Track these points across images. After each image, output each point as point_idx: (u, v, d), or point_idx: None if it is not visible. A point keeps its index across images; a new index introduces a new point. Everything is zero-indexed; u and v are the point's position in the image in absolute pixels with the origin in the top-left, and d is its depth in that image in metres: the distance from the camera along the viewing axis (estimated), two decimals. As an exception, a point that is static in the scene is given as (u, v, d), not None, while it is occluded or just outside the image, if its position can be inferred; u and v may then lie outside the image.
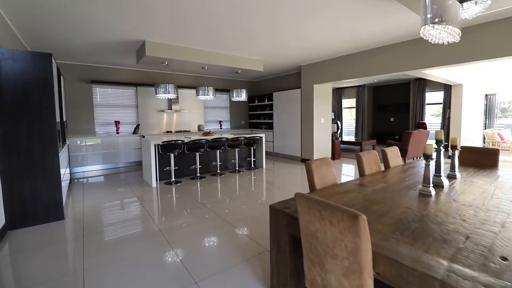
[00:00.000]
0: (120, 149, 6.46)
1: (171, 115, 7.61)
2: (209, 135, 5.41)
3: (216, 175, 5.40)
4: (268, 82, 8.80)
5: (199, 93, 5.61)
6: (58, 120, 3.45)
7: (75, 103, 6.29)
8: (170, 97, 5.14)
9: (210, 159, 5.62)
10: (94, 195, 4.21)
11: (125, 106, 6.97)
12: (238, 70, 6.00)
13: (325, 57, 5.87)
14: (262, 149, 6.09)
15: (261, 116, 8.95)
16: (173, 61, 4.93)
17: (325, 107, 6.68)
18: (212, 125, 8.48)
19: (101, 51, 5.11)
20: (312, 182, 2.06)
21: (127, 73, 6.89)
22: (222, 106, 8.71)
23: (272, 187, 4.55)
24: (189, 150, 4.99)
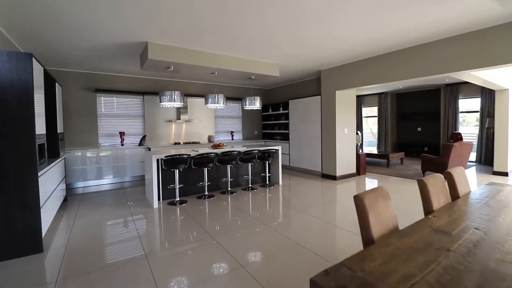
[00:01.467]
0: (125, 162, 5.97)
1: (180, 125, 7.11)
2: (219, 148, 4.82)
3: (226, 193, 4.76)
4: (283, 90, 8.20)
5: (208, 101, 5.06)
6: (42, 132, 2.95)
7: (78, 113, 5.90)
8: (176, 106, 4.61)
9: (219, 175, 5.00)
10: (87, 217, 3.66)
11: (131, 116, 6.53)
12: (252, 76, 5.44)
13: (349, 59, 5.21)
14: (278, 164, 5.42)
15: (276, 126, 8.32)
16: (180, 65, 4.42)
17: (348, 116, 5.97)
18: (223, 136, 7.91)
19: (103, 56, 4.68)
20: (366, 228, 1.38)
21: (134, 81, 6.48)
22: (234, 116, 8.16)
23: (292, 211, 3.85)
24: (196, 165, 4.40)
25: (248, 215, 3.64)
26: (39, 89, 2.91)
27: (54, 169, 3.56)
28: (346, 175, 5.95)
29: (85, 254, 2.62)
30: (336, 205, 4.04)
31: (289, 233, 3.01)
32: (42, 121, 3.00)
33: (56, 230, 3.21)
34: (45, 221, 2.87)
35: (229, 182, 4.84)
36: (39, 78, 2.90)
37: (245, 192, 4.86)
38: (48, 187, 3.13)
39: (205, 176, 4.54)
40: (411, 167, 7.38)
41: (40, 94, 2.96)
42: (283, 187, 5.26)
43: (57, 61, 5.07)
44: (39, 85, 2.90)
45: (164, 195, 4.41)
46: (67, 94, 5.76)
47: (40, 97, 2.95)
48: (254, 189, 5.04)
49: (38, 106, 2.82)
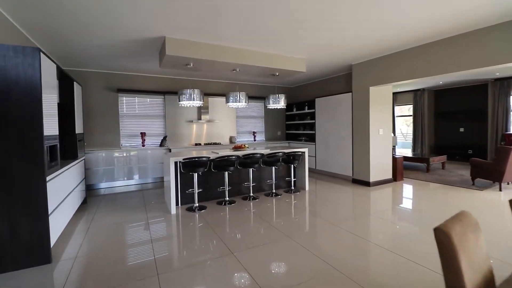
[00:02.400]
0: (146, 164, 5.85)
1: (201, 126, 6.88)
2: (241, 150, 4.47)
3: (248, 199, 4.40)
4: (308, 87, 7.70)
5: (229, 100, 4.73)
6: (54, 133, 2.77)
7: (100, 113, 5.86)
8: (195, 105, 4.34)
9: (241, 179, 4.65)
10: (103, 221, 3.47)
11: (152, 116, 6.40)
12: (276, 72, 5.03)
13: (388, 50, 4.63)
14: (305, 167, 4.97)
15: (300, 127, 7.84)
16: (199, 62, 4.13)
17: (384, 115, 5.36)
18: (245, 137, 7.58)
19: (122, 54, 4.53)
20: (457, 275, 0.93)
21: (155, 81, 6.35)
22: (256, 116, 7.79)
23: (321, 222, 3.39)
24: (216, 168, 4.09)
25: (272, 226, 3.24)
26: (51, 88, 2.74)
27: (70, 171, 3.41)
28: (381, 181, 5.34)
29: (93, 267, 2.38)
30: (373, 218, 3.52)
31: (320, 251, 2.57)
32: (55, 122, 2.82)
33: (70, 235, 3.03)
34: (56, 228, 2.68)
35: (251, 187, 4.47)
36: (50, 75, 2.72)
37: (268, 198, 4.47)
38: (62, 191, 2.96)
39: (226, 180, 4.21)
40: (455, 172, 6.55)
41: (52, 93, 2.78)
42: (310, 193, 4.79)
43: (78, 62, 5.02)
44: (50, 83, 2.72)
45: (182, 200, 4.14)
46: (89, 95, 5.74)
47: (52, 96, 2.77)
48: (278, 195, 4.63)
49: (49, 106, 2.64)
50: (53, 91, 2.81)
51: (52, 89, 2.79)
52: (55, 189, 2.70)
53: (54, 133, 2.78)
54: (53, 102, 2.80)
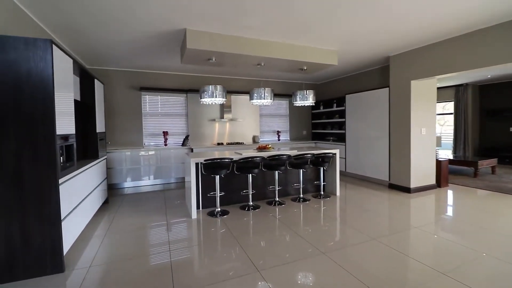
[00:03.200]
0: (168, 163, 5.71)
1: (223, 124, 6.64)
2: (265, 151, 4.13)
3: (273, 204, 4.05)
4: (337, 83, 7.17)
5: (253, 97, 4.40)
6: (69, 132, 2.61)
7: (124, 112, 5.81)
8: (217, 102, 4.06)
9: (266, 182, 4.31)
10: (122, 223, 3.30)
11: (174, 114, 6.27)
12: (304, 66, 4.63)
13: (436, 37, 4.05)
14: (336, 171, 4.51)
15: (328, 126, 7.33)
16: (222, 56, 3.84)
17: (427, 113, 4.75)
18: (268, 136, 7.24)
19: (143, 50, 4.37)
20: None
21: (177, 79, 6.20)
22: (281, 114, 7.41)
23: (357, 235, 2.95)
24: (240, 171, 3.78)
25: (300, 237, 2.87)
26: (66, 84, 2.57)
27: (89, 171, 3.27)
28: (423, 187, 4.74)
29: (107, 277, 2.16)
30: (418, 232, 3.02)
31: (359, 271, 2.16)
32: (71, 120, 2.66)
33: (86, 240, 2.88)
34: (71, 234, 2.52)
35: (277, 191, 4.11)
36: (65, 71, 2.55)
37: (295, 204, 4.09)
38: (78, 193, 2.80)
39: (250, 184, 3.90)
40: (508, 178, 5.73)
41: (68, 90, 2.61)
42: (341, 199, 4.34)
43: (101, 60, 4.96)
44: (66, 79, 2.55)
45: (204, 203, 3.89)
46: (113, 93, 5.71)
47: (68, 93, 2.61)
48: (306, 200, 4.23)
49: (64, 103, 2.47)
50: (69, 87, 2.64)
51: (68, 85, 2.62)
52: (70, 192, 2.53)
53: (70, 132, 2.61)
54: (69, 100, 2.64)
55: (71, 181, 2.58)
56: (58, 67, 2.33)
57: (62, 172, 2.36)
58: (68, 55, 2.67)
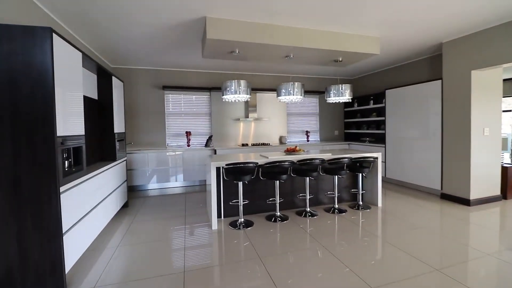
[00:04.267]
0: (191, 165, 5.45)
1: (248, 124, 6.25)
2: (295, 154, 3.64)
3: (303, 214, 3.55)
4: (375, 78, 6.43)
5: (281, 93, 3.92)
6: (77, 134, 2.35)
7: (146, 111, 5.65)
8: (241, 99, 3.66)
9: (295, 189, 3.82)
10: (137, 235, 3.02)
11: (197, 114, 6.00)
12: (339, 57, 4.06)
13: (504, 16, 3.28)
14: (377, 178, 3.89)
15: (363, 125, 6.62)
16: (246, 47, 3.43)
17: (491, 110, 3.93)
18: (296, 137, 6.71)
19: (163, 45, 4.09)
20: None
21: (200, 76, 5.92)
22: (310, 113, 6.84)
23: (412, 262, 2.35)
24: (266, 176, 3.34)
25: (338, 261, 2.35)
26: (73, 80, 2.31)
27: (103, 176, 3.03)
28: (486, 199, 3.94)
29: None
30: (498, 262, 2.35)
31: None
32: (79, 120, 2.40)
33: (97, 252, 2.62)
34: (75, 248, 2.24)
35: (308, 200, 3.60)
36: (72, 65, 2.29)
37: (329, 216, 3.55)
38: (87, 200, 2.54)
39: (277, 191, 3.44)
40: None
41: (75, 87, 2.35)
42: (383, 211, 3.71)
43: (123, 58, 4.80)
44: (72, 74, 2.29)
45: (225, 211, 3.51)
46: (136, 92, 5.57)
47: (75, 90, 2.35)
48: (342, 211, 3.66)
49: (71, 101, 2.21)
50: (77, 84, 2.38)
51: (76, 81, 2.36)
52: (76, 200, 2.26)
53: (78, 133, 2.35)
54: (77, 97, 2.38)
55: (78, 188, 2.31)
56: (62, 59, 2.05)
57: (66, 179, 2.09)
58: (78, 49, 2.42)
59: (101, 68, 3.33)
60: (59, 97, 1.99)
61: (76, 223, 2.26)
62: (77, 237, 2.27)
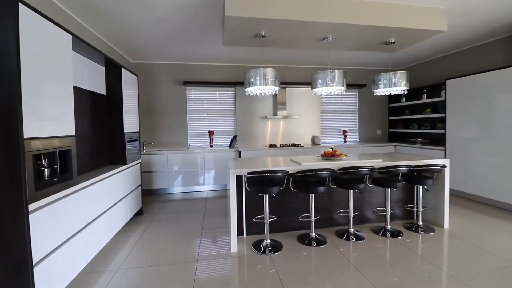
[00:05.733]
0: (213, 167, 4.95)
1: (277, 123, 5.59)
2: (334, 159, 2.91)
3: (345, 236, 2.81)
4: (429, 66, 5.37)
5: (317, 84, 3.19)
6: (67, 134, 1.89)
7: (167, 109, 5.27)
8: (267, 92, 3.03)
9: (334, 203, 3.09)
10: (143, 256, 2.54)
11: (221, 111, 5.49)
12: (391, 37, 3.24)
13: None
14: (443, 191, 3.00)
15: (413, 123, 5.60)
16: (274, 26, 2.78)
17: None
18: (331, 137, 5.90)
19: (178, 33, 3.60)
20: None
21: (224, 71, 5.39)
22: (348, 109, 5.98)
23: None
24: (298, 187, 2.67)
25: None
26: (59, 68, 1.85)
27: (104, 183, 2.59)
28: None
29: None
30: None
31: None
32: (67, 118, 1.94)
33: (92, 280, 2.16)
34: (56, 279, 1.78)
35: (352, 218, 2.85)
36: (56, 50, 1.83)
37: (378, 239, 2.77)
38: (77, 217, 2.09)
39: (312, 206, 2.74)
40: None
41: (63, 77, 1.89)
42: (452, 235, 2.83)
43: (141, 52, 4.43)
44: (57, 60, 1.83)
45: (249, 228, 2.90)
46: (157, 89, 5.21)
47: (62, 81, 1.89)
48: (396, 234, 2.85)
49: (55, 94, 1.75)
50: (65, 72, 1.92)
51: (63, 69, 1.90)
52: (58, 218, 1.80)
53: (66, 133, 1.89)
54: (65, 89, 1.92)
55: (61, 203, 1.85)
56: (36, 41, 1.59)
57: (40, 193, 1.63)
58: (67, 31, 1.96)
59: (109, 60, 2.92)
60: (30, 89, 1.52)
61: (57, 248, 1.79)
62: (59, 265, 1.80)
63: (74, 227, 2.01)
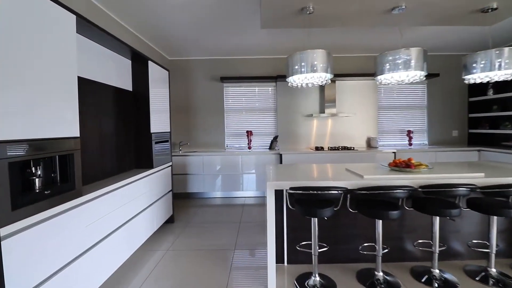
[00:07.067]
0: (252, 171, 4.46)
1: (324, 122, 4.85)
2: (412, 172, 2.12)
3: (425, 279, 2.01)
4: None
5: (383, 69, 2.40)
6: (72, 135, 1.54)
7: (205, 107, 4.94)
8: (316, 81, 2.38)
9: (406, 229, 2.30)
10: (163, 280, 2.13)
11: (260, 109, 4.97)
12: (492, 2, 2.30)
13: None
14: None
15: (504, 123, 4.34)
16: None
17: None
18: (392, 138, 4.93)
19: (210, 17, 3.14)
20: None
21: (263, 64, 4.85)
22: (414, 105, 4.93)
23: None
24: (359, 208, 1.96)
25: None
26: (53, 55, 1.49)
27: (123, 192, 2.24)
28: None
29: None
30: None
31: None
32: (69, 116, 1.58)
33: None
34: None
35: (437, 253, 2.04)
36: (50, 31, 1.46)
37: (477, 286, 1.92)
38: (81, 237, 1.72)
39: (379, 235, 2.00)
40: None
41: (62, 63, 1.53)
42: None
43: (174, 45, 4.11)
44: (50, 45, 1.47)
45: (291, 254, 2.29)
46: (193, 86, 4.93)
47: (61, 67, 1.53)
48: (505, 283, 1.96)
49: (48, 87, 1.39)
50: (66, 58, 1.56)
51: (63, 54, 1.54)
52: (50, 242, 1.43)
53: (64, 134, 1.54)
54: (66, 79, 1.56)
55: (54, 222, 1.48)
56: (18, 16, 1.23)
57: (20, 211, 1.26)
58: (69, 9, 1.61)
59: (135, 52, 2.59)
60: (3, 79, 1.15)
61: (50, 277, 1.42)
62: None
63: (77, 247, 1.64)
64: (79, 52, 1.96)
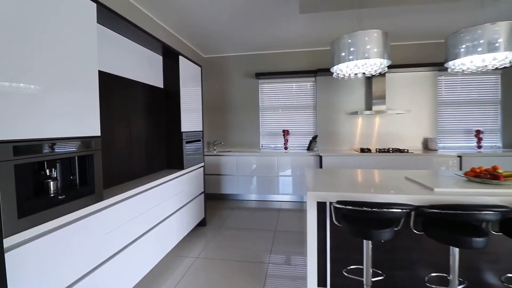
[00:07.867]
0: (288, 173, 4.16)
1: (371, 120, 4.32)
2: (500, 184, 1.62)
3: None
4: None
5: (458, 52, 1.88)
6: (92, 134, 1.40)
7: (240, 106, 4.77)
8: (368, 70, 1.97)
9: (488, 258, 1.77)
10: None
11: (298, 107, 4.62)
12: None
13: None
14: None
15: None
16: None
17: None
18: (455, 139, 4.19)
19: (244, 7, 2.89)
20: None
21: (301, 57, 4.49)
22: (483, 100, 4.13)
23: None
24: (427, 230, 1.53)
25: None
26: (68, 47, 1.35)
27: (152, 194, 2.10)
28: None
29: None
30: None
31: None
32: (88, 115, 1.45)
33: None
34: None
35: (539, 296, 1.52)
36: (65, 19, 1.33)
37: None
38: (100, 246, 1.59)
39: (455, 263, 1.55)
40: None
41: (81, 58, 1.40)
42: None
43: (209, 41, 3.97)
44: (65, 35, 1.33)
45: (336, 278, 1.92)
46: (228, 84, 4.78)
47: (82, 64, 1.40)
48: None
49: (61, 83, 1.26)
50: (86, 49, 1.43)
51: (82, 44, 1.41)
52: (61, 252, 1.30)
53: (84, 133, 1.40)
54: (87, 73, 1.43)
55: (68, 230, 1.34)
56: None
57: (30, 219, 1.13)
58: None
59: (166, 47, 2.45)
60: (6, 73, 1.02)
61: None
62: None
63: (95, 258, 1.51)
64: (105, 47, 1.85)
